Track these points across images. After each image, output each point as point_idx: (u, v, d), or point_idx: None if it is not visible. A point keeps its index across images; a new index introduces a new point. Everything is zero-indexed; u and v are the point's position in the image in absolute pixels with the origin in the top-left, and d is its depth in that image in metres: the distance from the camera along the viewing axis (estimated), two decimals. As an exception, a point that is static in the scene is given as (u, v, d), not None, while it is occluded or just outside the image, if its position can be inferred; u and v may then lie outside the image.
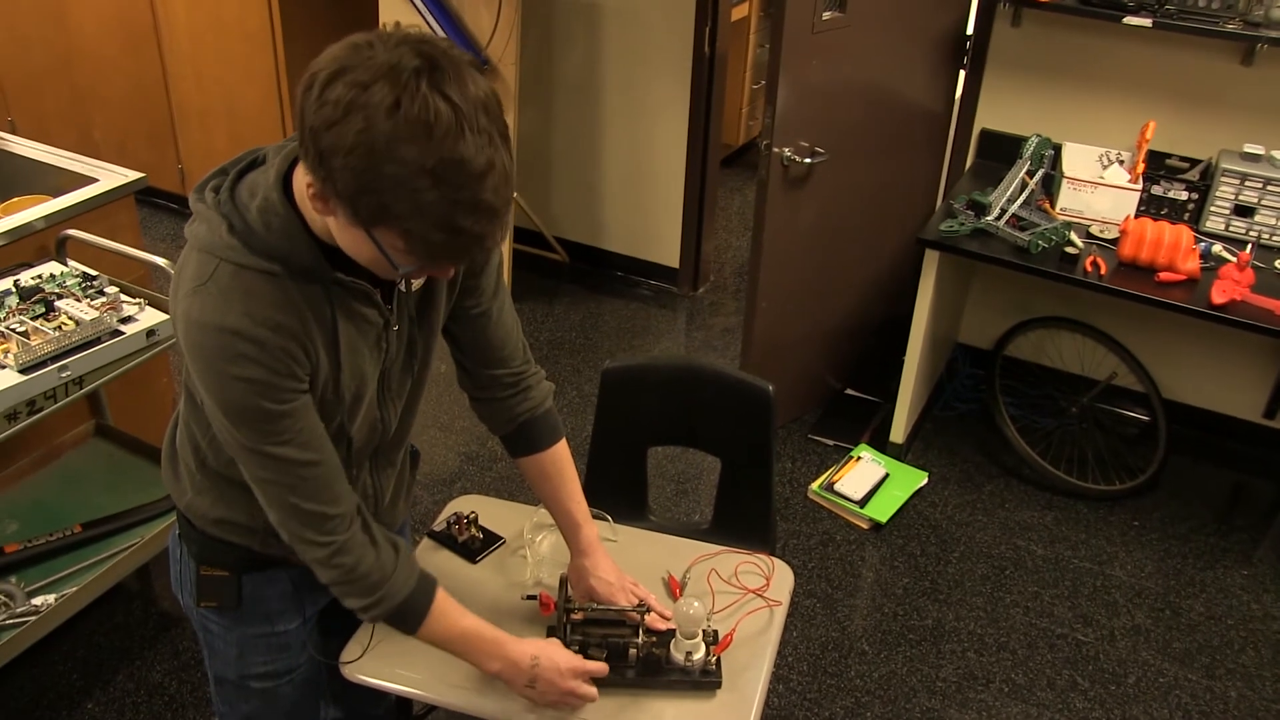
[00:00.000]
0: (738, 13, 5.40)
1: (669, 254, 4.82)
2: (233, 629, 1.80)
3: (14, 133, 3.26)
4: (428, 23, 4.07)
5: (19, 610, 2.48)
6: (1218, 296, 3.05)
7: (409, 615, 1.63)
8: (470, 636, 1.68)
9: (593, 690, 1.72)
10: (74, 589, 2.55)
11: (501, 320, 1.78)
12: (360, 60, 1.20)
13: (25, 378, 2.29)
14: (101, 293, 2.58)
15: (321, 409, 1.51)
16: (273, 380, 1.39)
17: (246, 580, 1.74)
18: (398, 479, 1.83)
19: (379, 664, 1.81)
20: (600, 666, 1.75)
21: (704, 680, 1.78)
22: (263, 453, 1.45)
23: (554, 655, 1.70)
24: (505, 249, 4.45)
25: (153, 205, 5.27)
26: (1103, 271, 3.18)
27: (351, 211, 1.25)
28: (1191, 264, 3.14)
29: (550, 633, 1.83)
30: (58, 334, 2.38)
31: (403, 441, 1.78)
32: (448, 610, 1.66)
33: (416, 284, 1.58)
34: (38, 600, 2.52)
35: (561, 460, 1.90)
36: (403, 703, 2.14)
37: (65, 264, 2.72)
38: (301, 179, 1.36)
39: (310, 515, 1.51)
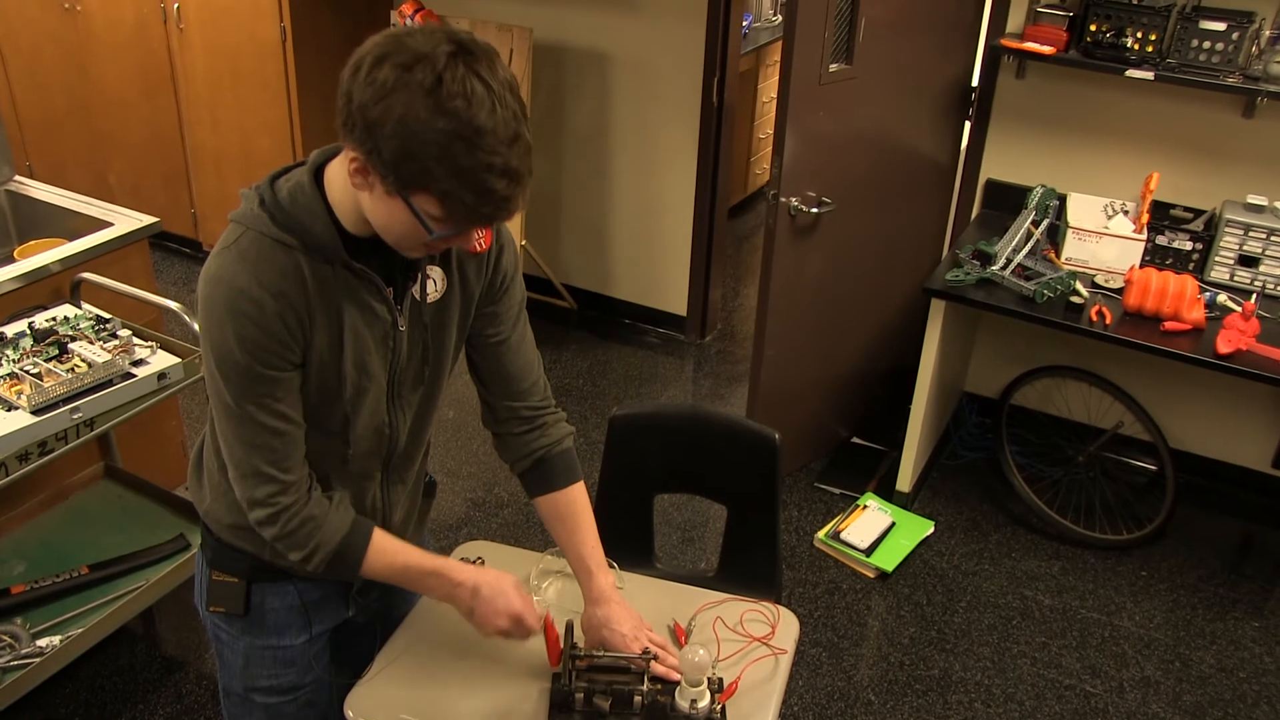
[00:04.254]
0: (745, 64, 5.46)
1: (677, 302, 4.85)
2: (240, 638, 1.85)
3: (31, 176, 3.30)
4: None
5: (23, 652, 2.48)
6: (1223, 346, 3.06)
7: (347, 559, 1.70)
8: (411, 571, 1.76)
9: (534, 622, 1.79)
10: (79, 631, 2.55)
11: (521, 351, 1.84)
12: (401, 46, 1.35)
13: (37, 419, 2.32)
14: (114, 335, 2.61)
15: (322, 394, 1.60)
16: (265, 342, 1.51)
17: (255, 589, 1.81)
18: (409, 500, 1.88)
19: (383, 706, 1.81)
20: (534, 619, 1.79)
21: (709, 727, 1.77)
22: (241, 410, 1.55)
23: (494, 598, 1.75)
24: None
25: (166, 249, 5.31)
26: (1108, 321, 3.19)
27: (394, 178, 1.39)
28: (1196, 313, 3.16)
29: (555, 680, 1.83)
30: (70, 376, 2.40)
31: (414, 458, 1.83)
32: (385, 548, 1.73)
33: (433, 294, 1.66)
34: (43, 642, 2.52)
35: (576, 503, 1.91)
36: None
37: (79, 307, 2.75)
38: (338, 167, 1.52)
39: (265, 478, 1.60)
